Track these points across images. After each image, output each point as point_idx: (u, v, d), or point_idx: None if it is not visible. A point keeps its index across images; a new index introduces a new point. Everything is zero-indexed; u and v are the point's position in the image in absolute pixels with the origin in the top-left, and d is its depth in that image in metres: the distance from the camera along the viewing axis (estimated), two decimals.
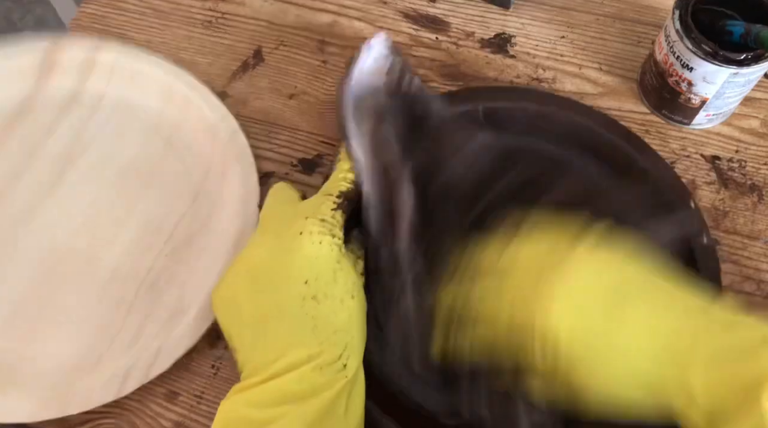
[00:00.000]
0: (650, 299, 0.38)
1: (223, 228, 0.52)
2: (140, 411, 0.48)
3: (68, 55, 0.57)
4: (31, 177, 0.54)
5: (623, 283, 0.38)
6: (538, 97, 0.54)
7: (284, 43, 0.61)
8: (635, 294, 0.38)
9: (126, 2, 0.62)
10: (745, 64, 0.49)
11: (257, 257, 0.42)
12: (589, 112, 0.53)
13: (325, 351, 0.39)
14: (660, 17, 0.61)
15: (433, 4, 0.62)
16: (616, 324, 0.37)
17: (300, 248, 0.41)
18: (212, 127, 0.55)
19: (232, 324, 0.42)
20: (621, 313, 0.37)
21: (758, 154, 0.56)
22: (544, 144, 0.50)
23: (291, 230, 0.42)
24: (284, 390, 0.38)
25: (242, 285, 0.42)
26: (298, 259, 0.41)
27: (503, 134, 0.48)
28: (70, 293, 0.50)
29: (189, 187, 0.54)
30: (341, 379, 0.39)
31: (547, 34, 0.61)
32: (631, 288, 0.38)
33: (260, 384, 0.38)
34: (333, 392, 0.39)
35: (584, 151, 0.50)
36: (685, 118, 0.56)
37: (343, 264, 0.42)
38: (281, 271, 0.41)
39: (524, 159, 0.48)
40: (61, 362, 0.48)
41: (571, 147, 0.50)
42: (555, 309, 0.37)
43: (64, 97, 0.56)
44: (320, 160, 0.56)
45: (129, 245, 0.52)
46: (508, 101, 0.53)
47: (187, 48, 0.60)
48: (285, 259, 0.41)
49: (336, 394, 0.39)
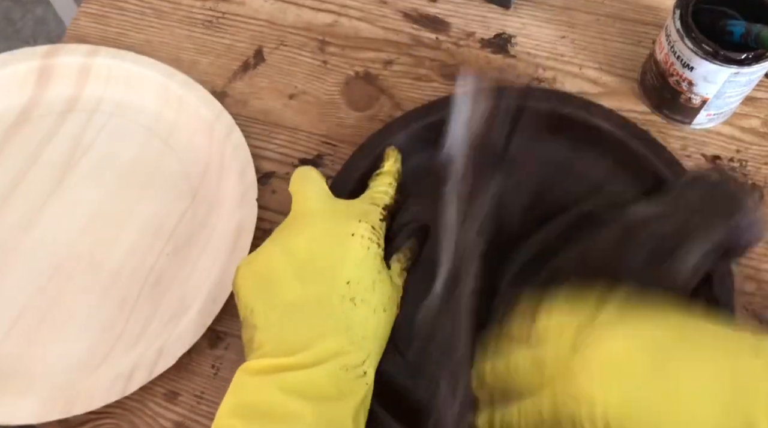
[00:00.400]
0: (693, 347, 0.35)
1: (222, 225, 0.52)
2: (140, 411, 0.48)
3: (64, 62, 0.57)
4: (33, 182, 0.54)
5: (660, 339, 0.36)
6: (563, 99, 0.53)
7: (284, 43, 0.61)
8: (676, 346, 0.35)
9: (126, 2, 0.62)
10: (746, 64, 0.49)
11: (302, 244, 0.42)
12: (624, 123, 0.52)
13: (352, 353, 0.39)
14: (660, 17, 0.61)
15: (433, 4, 0.62)
16: (667, 382, 0.34)
17: (351, 249, 0.42)
18: (208, 126, 0.55)
19: (258, 300, 0.42)
20: (668, 370, 0.35)
21: (759, 154, 0.56)
22: (574, 174, 0.50)
23: (343, 229, 0.42)
24: (315, 383, 0.38)
25: (281, 267, 0.42)
26: (348, 259, 0.42)
27: (525, 174, 0.47)
28: (74, 295, 0.51)
29: (188, 186, 0.54)
30: (363, 386, 0.39)
31: (547, 34, 0.61)
32: (669, 342, 0.36)
33: (292, 371, 0.38)
34: (357, 399, 0.39)
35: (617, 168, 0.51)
36: (685, 118, 0.56)
37: (383, 275, 0.43)
38: (329, 265, 0.42)
39: (555, 201, 0.48)
40: (66, 363, 0.48)
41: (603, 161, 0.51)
42: (597, 384, 0.35)
43: (62, 103, 0.57)
44: (320, 160, 0.56)
45: (130, 246, 0.52)
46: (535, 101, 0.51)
47: (187, 48, 0.60)
48: (335, 255, 0.42)
49: (360, 402, 0.39)
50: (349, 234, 0.42)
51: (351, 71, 0.59)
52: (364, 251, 0.42)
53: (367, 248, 0.42)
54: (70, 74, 0.57)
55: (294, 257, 0.42)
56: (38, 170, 0.55)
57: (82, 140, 0.56)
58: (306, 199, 0.46)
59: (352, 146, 0.56)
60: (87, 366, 0.48)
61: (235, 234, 0.51)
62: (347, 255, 0.42)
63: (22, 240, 0.52)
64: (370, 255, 0.42)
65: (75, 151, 0.55)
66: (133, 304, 0.50)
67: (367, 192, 0.47)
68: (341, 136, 0.57)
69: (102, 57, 0.57)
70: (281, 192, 0.55)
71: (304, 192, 0.46)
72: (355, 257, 0.42)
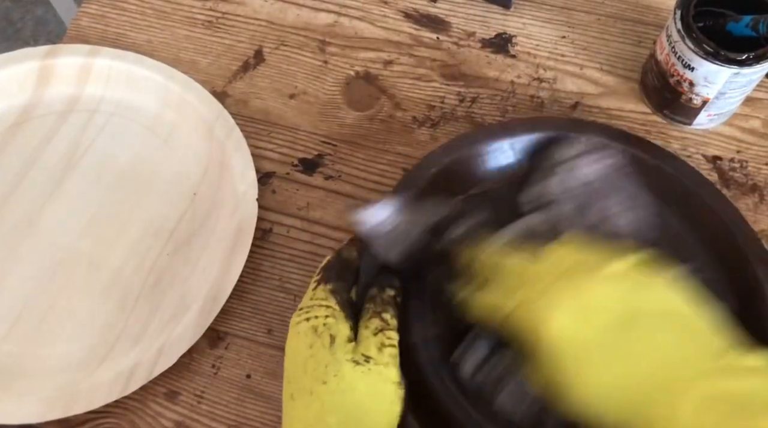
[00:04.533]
0: (665, 329, 0.37)
1: (222, 225, 0.52)
2: (141, 411, 0.48)
3: (65, 62, 0.57)
4: (33, 182, 0.54)
5: (641, 312, 0.37)
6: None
7: (285, 42, 0.61)
8: (649, 321, 0.37)
9: (126, 2, 0.62)
10: (747, 64, 0.49)
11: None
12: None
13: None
14: (661, 17, 0.61)
15: (433, 4, 0.62)
16: (619, 343, 0.37)
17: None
18: (208, 126, 0.55)
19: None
20: (626, 336, 0.37)
21: (759, 155, 0.56)
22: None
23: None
24: None
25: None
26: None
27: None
28: (75, 294, 0.51)
29: (188, 186, 0.54)
30: None
31: (548, 34, 0.61)
32: (646, 316, 0.37)
33: None
34: None
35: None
36: (686, 118, 0.56)
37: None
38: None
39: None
40: (66, 362, 0.48)
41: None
42: (556, 320, 0.37)
43: (62, 103, 0.57)
44: (321, 159, 0.56)
45: (131, 246, 0.52)
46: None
47: (187, 48, 0.60)
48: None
49: None
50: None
51: (351, 71, 0.59)
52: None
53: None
54: (70, 74, 0.57)
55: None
56: (38, 170, 0.55)
57: (82, 140, 0.56)
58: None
59: (352, 146, 0.56)
60: (87, 366, 0.48)
61: (235, 235, 0.51)
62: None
63: (22, 240, 0.52)
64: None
65: (75, 151, 0.55)
66: (133, 304, 0.50)
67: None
68: (341, 136, 0.57)
69: (102, 57, 0.57)
70: (281, 192, 0.55)
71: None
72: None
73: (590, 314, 0.37)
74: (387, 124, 0.57)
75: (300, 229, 0.54)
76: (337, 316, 0.41)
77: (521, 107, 0.58)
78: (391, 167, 0.56)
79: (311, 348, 0.40)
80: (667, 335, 0.37)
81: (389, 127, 0.57)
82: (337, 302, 0.41)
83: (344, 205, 0.54)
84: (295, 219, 0.54)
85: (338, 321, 0.41)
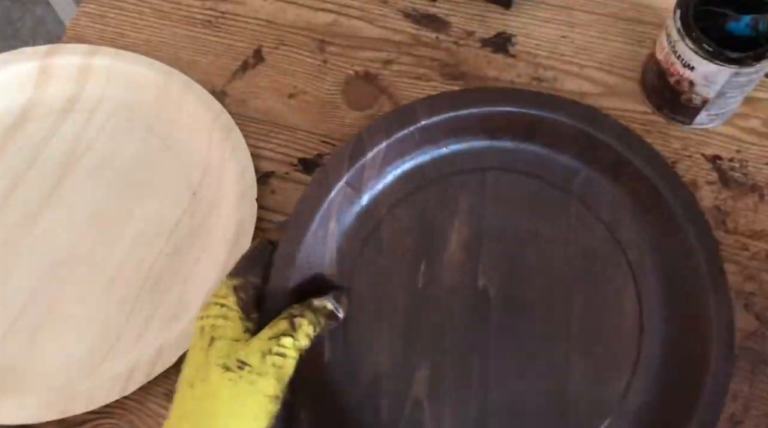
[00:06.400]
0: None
1: (222, 225, 0.52)
2: (140, 411, 0.48)
3: (64, 62, 0.57)
4: (33, 181, 0.54)
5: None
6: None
7: (284, 42, 0.61)
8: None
9: (126, 2, 0.62)
10: (746, 64, 0.49)
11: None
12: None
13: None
14: (661, 17, 0.61)
15: (433, 4, 0.62)
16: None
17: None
18: (208, 125, 0.55)
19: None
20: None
21: (759, 154, 0.56)
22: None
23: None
24: None
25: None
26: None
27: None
28: (74, 294, 0.51)
29: (187, 186, 0.54)
30: None
31: (548, 33, 0.61)
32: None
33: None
34: None
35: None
36: (686, 118, 0.56)
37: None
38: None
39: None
40: (65, 362, 0.48)
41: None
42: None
43: (62, 102, 0.57)
44: (320, 159, 0.56)
45: (130, 245, 0.52)
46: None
47: (186, 47, 0.60)
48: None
49: None
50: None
51: (351, 71, 0.59)
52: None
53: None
54: (69, 74, 0.57)
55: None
56: (38, 170, 0.55)
57: (82, 140, 0.56)
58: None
59: None
60: (87, 366, 0.48)
61: (235, 235, 0.51)
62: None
63: (22, 240, 0.52)
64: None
65: (75, 151, 0.55)
66: (133, 304, 0.50)
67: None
68: (341, 136, 0.57)
69: (102, 57, 0.57)
70: (281, 192, 0.55)
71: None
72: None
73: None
74: None
75: None
76: (230, 316, 0.39)
77: None
78: None
79: (193, 349, 0.39)
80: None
81: None
82: (237, 300, 0.40)
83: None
84: None
85: (228, 322, 0.39)
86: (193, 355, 0.39)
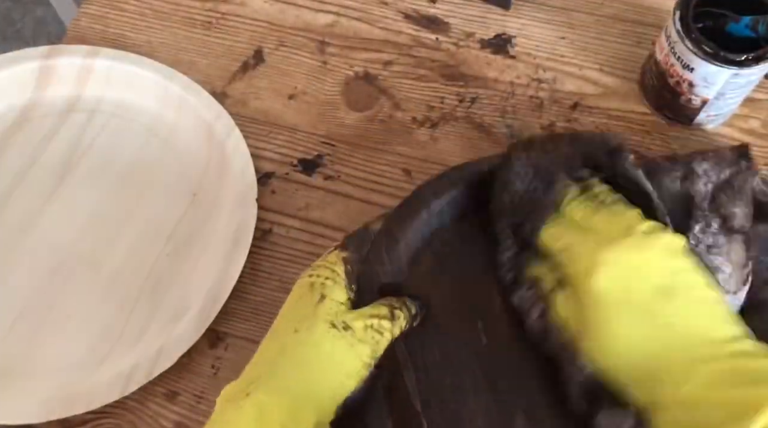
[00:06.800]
0: (693, 308, 0.39)
1: (222, 226, 0.52)
2: (140, 411, 0.48)
3: (65, 62, 0.57)
4: (33, 182, 0.54)
5: (675, 287, 0.39)
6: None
7: (284, 43, 0.61)
8: (681, 297, 0.39)
9: (126, 3, 0.63)
10: (746, 65, 0.49)
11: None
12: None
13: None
14: (660, 18, 0.61)
15: (433, 5, 0.62)
16: (652, 310, 0.38)
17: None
18: (208, 126, 0.55)
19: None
20: (659, 305, 0.38)
21: (759, 155, 0.56)
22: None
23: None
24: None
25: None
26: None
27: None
28: (74, 295, 0.51)
29: (188, 187, 0.54)
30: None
31: (547, 34, 0.61)
32: (680, 291, 0.39)
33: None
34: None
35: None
36: (685, 119, 0.56)
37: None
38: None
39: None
40: (66, 363, 0.48)
41: None
42: (602, 274, 0.39)
43: (62, 103, 0.57)
44: (320, 160, 0.56)
45: (131, 246, 0.52)
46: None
47: (186, 48, 0.60)
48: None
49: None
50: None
51: (351, 71, 0.60)
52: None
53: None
54: (70, 75, 0.57)
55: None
56: (38, 170, 0.55)
57: (82, 140, 0.56)
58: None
59: (351, 146, 0.56)
60: (87, 366, 0.48)
61: (235, 235, 0.51)
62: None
63: (22, 240, 0.52)
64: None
65: (75, 151, 0.55)
66: (133, 304, 0.50)
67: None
68: (341, 136, 0.57)
69: (102, 58, 0.57)
70: (281, 192, 0.55)
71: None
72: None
73: (632, 277, 0.39)
74: (386, 124, 0.57)
75: (299, 230, 0.54)
76: (338, 281, 0.42)
77: (521, 107, 0.58)
78: (391, 167, 0.56)
79: (300, 299, 0.41)
80: (694, 314, 0.38)
81: (389, 128, 0.57)
82: (345, 270, 0.42)
83: (344, 206, 0.54)
84: (295, 220, 0.54)
85: (336, 286, 0.42)
86: (298, 306, 0.41)
